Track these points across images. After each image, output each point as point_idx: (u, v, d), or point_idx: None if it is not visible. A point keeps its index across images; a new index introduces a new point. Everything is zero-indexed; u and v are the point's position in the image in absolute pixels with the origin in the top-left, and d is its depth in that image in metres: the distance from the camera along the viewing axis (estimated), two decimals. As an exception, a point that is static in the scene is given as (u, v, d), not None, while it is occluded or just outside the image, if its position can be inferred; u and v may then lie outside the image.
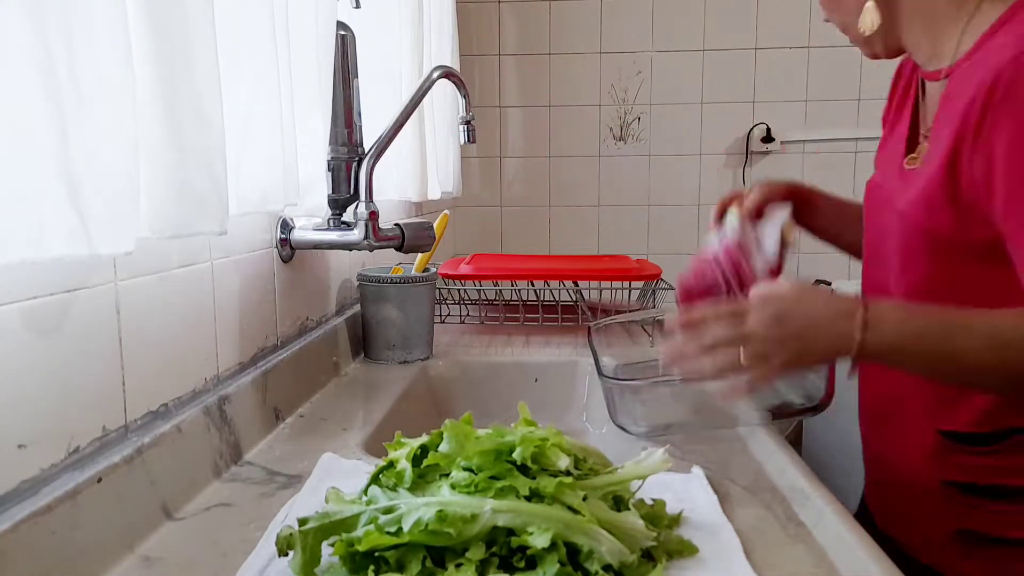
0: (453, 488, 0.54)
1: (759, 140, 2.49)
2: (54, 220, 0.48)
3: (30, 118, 0.46)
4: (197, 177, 0.62)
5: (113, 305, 0.63)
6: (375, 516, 0.52)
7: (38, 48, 0.46)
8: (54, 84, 0.47)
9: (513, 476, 0.54)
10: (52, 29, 0.47)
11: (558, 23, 2.51)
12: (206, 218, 0.64)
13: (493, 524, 0.51)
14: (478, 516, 0.51)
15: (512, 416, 0.65)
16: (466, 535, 0.51)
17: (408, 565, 0.51)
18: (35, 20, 0.46)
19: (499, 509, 0.52)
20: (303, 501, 0.68)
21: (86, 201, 0.49)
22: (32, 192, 0.46)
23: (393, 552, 0.51)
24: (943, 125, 0.75)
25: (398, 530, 0.51)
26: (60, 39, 0.47)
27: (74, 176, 0.49)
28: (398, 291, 1.20)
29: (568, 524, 0.52)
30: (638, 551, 0.54)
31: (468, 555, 0.51)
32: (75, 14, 0.49)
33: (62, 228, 0.48)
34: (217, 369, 0.81)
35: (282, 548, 0.52)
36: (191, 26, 0.61)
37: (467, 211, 2.58)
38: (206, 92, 0.63)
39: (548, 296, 1.49)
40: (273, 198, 0.82)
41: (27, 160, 0.46)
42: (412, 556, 0.51)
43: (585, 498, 0.55)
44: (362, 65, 1.09)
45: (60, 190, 0.48)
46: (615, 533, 0.53)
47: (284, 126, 0.83)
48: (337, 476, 0.73)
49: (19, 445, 0.52)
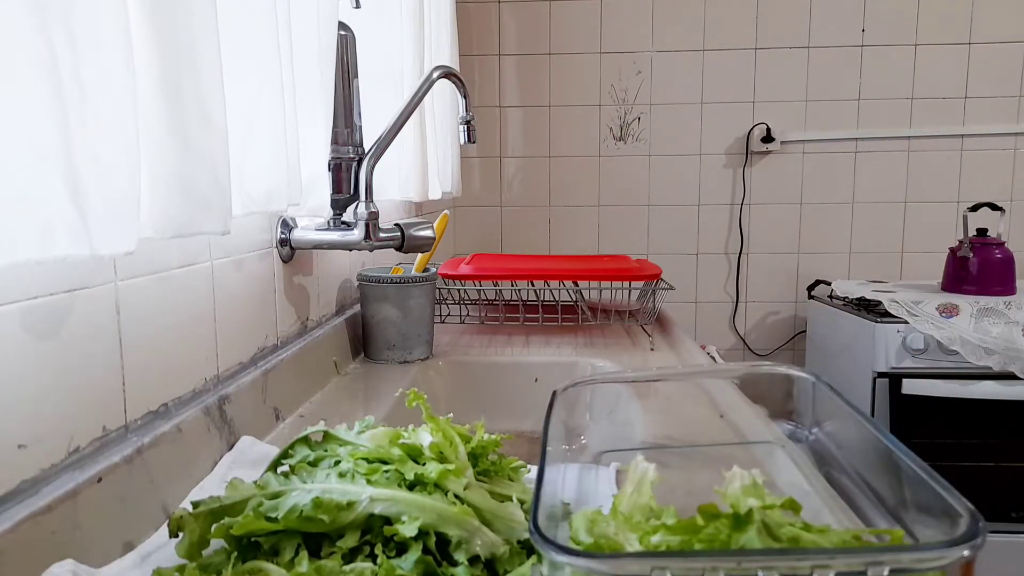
0: (341, 476, 0.55)
1: (759, 140, 2.50)
2: (56, 220, 0.48)
3: (32, 118, 0.46)
4: (200, 177, 0.62)
5: (113, 305, 0.63)
6: (260, 502, 0.53)
7: (41, 47, 0.46)
8: (56, 84, 0.47)
9: (402, 461, 0.56)
10: (55, 28, 0.47)
11: (558, 23, 2.51)
12: (209, 218, 0.64)
13: (370, 512, 0.52)
14: (355, 504, 0.52)
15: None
16: (340, 522, 0.52)
17: (282, 551, 0.51)
18: (37, 20, 0.46)
19: (377, 498, 0.52)
20: (210, 485, 0.69)
21: (88, 201, 0.49)
22: (35, 192, 0.46)
23: (268, 538, 0.52)
24: None
25: (275, 517, 0.52)
26: (63, 38, 0.47)
27: (76, 176, 0.49)
28: (398, 291, 1.20)
29: (442, 514, 0.52)
30: (513, 543, 0.54)
31: (339, 543, 0.52)
32: (77, 14, 0.49)
33: (64, 228, 0.48)
34: (217, 369, 0.81)
35: (173, 530, 0.54)
36: (194, 26, 0.61)
37: (467, 211, 2.59)
38: (209, 92, 0.63)
39: (548, 296, 1.49)
40: (276, 198, 0.82)
41: (30, 160, 0.46)
42: (287, 542, 0.52)
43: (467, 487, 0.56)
44: (362, 65, 1.09)
45: (62, 190, 0.48)
46: (495, 523, 0.54)
47: (287, 126, 0.83)
48: (246, 463, 0.74)
49: (19, 445, 0.52)
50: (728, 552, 0.42)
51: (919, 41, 2.41)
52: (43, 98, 0.46)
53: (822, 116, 2.50)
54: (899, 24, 2.42)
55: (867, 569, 0.39)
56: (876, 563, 0.39)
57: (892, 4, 2.43)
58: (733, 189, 2.56)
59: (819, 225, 2.56)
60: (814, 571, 0.39)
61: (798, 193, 2.55)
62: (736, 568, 0.40)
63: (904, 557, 0.40)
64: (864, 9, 2.44)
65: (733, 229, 2.57)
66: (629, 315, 1.48)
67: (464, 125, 1.21)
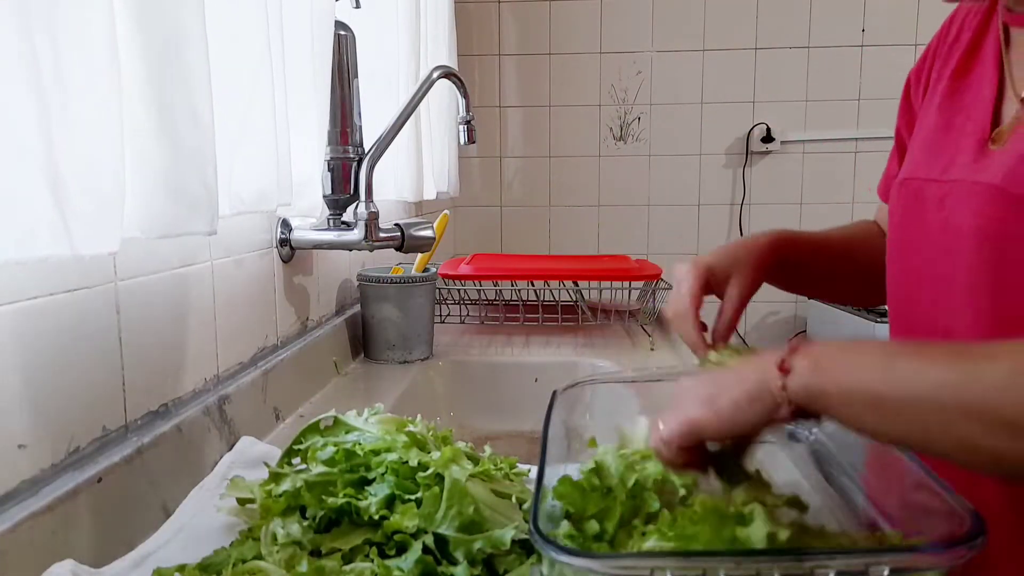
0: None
1: (759, 140, 2.50)
2: (37, 221, 0.47)
3: (14, 117, 0.45)
4: (187, 177, 0.62)
5: (113, 305, 0.63)
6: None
7: (23, 46, 0.46)
8: (38, 82, 0.46)
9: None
10: (37, 27, 0.46)
11: (558, 23, 2.51)
12: (196, 218, 0.63)
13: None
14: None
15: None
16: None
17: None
18: (20, 18, 0.45)
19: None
20: (210, 485, 0.69)
21: (70, 201, 0.49)
22: (15, 192, 0.46)
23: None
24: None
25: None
26: (45, 37, 0.47)
27: (58, 176, 0.48)
28: (398, 291, 1.20)
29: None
30: (508, 542, 0.54)
31: (339, 543, 0.53)
32: (61, 13, 0.48)
33: (45, 229, 0.48)
34: (217, 369, 0.81)
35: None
36: (181, 24, 0.60)
37: (467, 211, 2.58)
38: (196, 91, 0.62)
39: (548, 296, 1.49)
40: (267, 198, 0.81)
41: (11, 160, 0.46)
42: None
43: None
44: (362, 65, 1.09)
45: (43, 190, 0.47)
46: (491, 520, 0.55)
47: (278, 126, 0.82)
48: (246, 463, 0.74)
49: (19, 445, 0.52)
50: (728, 552, 0.42)
51: (919, 41, 2.41)
52: (24, 98, 0.46)
53: (822, 116, 2.50)
54: (899, 24, 2.42)
55: (867, 569, 0.39)
56: (876, 563, 0.39)
57: (892, 4, 2.43)
58: (733, 189, 2.56)
59: (819, 225, 2.54)
60: (814, 571, 0.39)
61: (798, 193, 2.55)
62: (736, 568, 0.40)
63: (904, 557, 0.40)
64: (864, 9, 2.44)
65: (733, 229, 2.57)
66: (629, 315, 1.48)
67: (464, 125, 1.20)
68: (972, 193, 0.59)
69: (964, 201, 0.60)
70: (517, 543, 0.54)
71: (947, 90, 0.69)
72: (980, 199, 0.59)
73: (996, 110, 0.62)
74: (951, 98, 0.68)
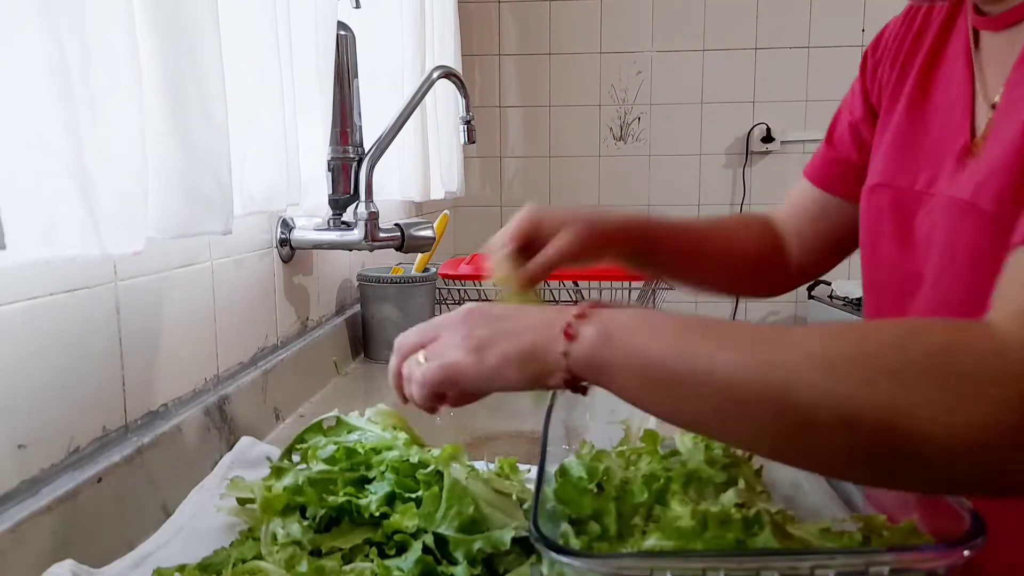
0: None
1: (759, 140, 2.49)
2: (66, 220, 0.48)
3: (44, 120, 0.46)
4: (203, 177, 0.62)
5: (113, 305, 0.63)
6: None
7: (52, 51, 0.46)
8: (67, 87, 0.47)
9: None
10: (65, 34, 0.47)
11: (558, 23, 2.51)
12: (211, 218, 0.64)
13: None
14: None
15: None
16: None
17: None
18: (49, 25, 0.46)
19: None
20: (210, 485, 0.69)
21: (98, 201, 0.50)
22: (46, 193, 0.47)
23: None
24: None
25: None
26: (73, 43, 0.48)
27: (86, 177, 0.49)
28: (398, 291, 1.20)
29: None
30: (508, 542, 0.54)
31: (339, 543, 0.53)
32: (86, 17, 0.49)
33: (74, 228, 0.48)
34: (217, 369, 0.81)
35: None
36: (197, 29, 0.61)
37: (467, 211, 2.58)
38: (212, 94, 0.63)
39: (548, 296, 1.49)
40: (276, 198, 0.82)
41: (41, 161, 0.46)
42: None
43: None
44: (363, 65, 1.09)
45: (72, 191, 0.48)
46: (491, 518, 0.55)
47: (287, 126, 0.83)
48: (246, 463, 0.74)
49: (19, 445, 0.52)
50: (728, 552, 0.42)
51: (919, 41, 2.41)
52: (55, 101, 0.47)
53: (822, 116, 2.49)
54: (899, 24, 2.42)
55: (867, 569, 0.39)
56: (876, 563, 0.39)
57: (892, 4, 2.41)
58: (733, 189, 2.56)
59: (819, 225, 2.55)
60: (814, 571, 0.39)
61: (798, 193, 2.55)
62: (736, 568, 0.40)
63: (904, 557, 0.40)
64: (864, 9, 2.44)
65: (733, 229, 2.57)
66: (629, 315, 1.48)
67: (464, 125, 1.21)
68: (947, 208, 0.58)
69: (940, 215, 0.59)
70: (517, 543, 0.54)
71: (914, 91, 0.66)
72: (952, 214, 0.57)
73: (972, 116, 0.59)
74: (920, 100, 0.65)
